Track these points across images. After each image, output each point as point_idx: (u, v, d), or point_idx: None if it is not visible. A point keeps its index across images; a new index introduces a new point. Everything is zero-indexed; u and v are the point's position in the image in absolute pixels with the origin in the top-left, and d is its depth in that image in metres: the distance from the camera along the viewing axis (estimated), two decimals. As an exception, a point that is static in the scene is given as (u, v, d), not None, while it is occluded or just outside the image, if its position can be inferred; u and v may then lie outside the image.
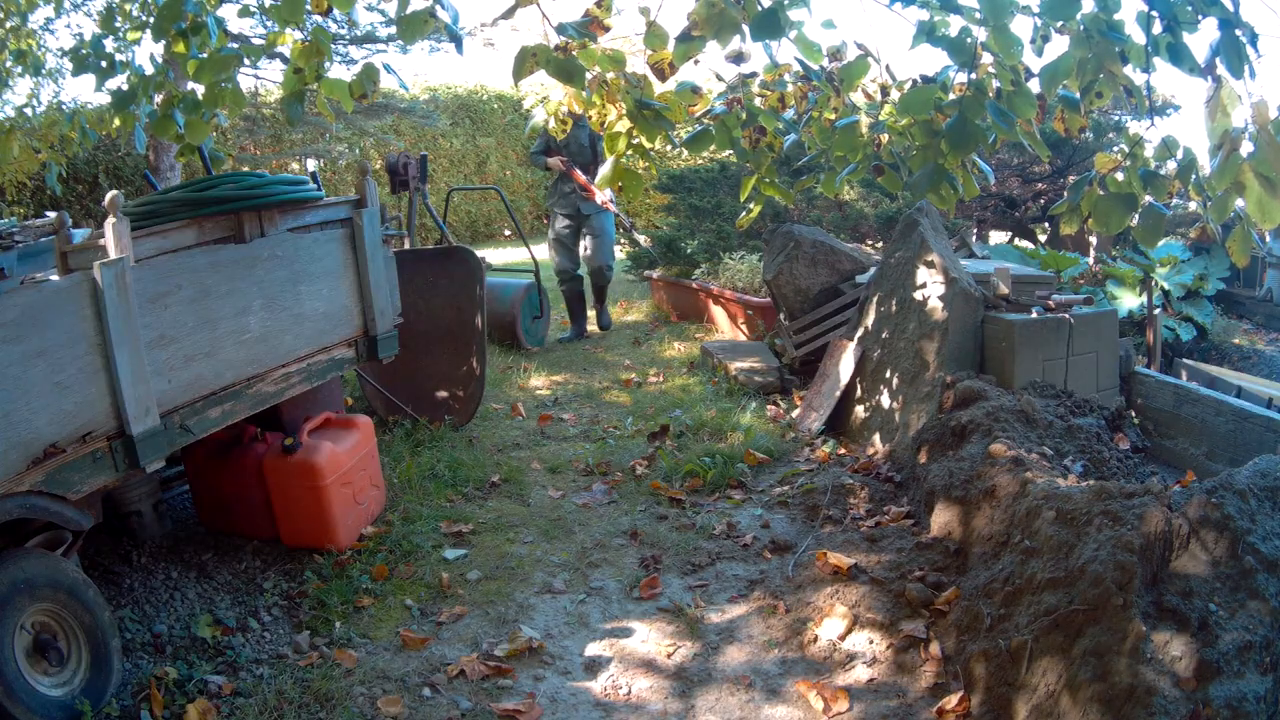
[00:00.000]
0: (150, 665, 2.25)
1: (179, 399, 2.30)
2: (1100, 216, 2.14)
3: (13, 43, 6.18)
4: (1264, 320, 7.73)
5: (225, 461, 2.76)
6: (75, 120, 4.75)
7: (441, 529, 3.06)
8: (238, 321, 2.49)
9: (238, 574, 2.69)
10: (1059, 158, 8.42)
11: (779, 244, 5.12)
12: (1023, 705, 1.88)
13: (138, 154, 8.63)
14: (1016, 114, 2.24)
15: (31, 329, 1.92)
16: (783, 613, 2.49)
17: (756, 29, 2.35)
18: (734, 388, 4.68)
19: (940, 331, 3.56)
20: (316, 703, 2.09)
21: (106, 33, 3.63)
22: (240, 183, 2.61)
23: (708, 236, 7.10)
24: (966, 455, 2.74)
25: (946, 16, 2.25)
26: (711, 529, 3.04)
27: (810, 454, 3.75)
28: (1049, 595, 1.96)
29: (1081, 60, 2.06)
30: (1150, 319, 5.10)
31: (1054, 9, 2.04)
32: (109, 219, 2.13)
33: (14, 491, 1.87)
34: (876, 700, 2.11)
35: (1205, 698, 1.67)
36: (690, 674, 2.24)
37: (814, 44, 2.64)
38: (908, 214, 4.12)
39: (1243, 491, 1.96)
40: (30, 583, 1.92)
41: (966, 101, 2.19)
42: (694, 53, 2.53)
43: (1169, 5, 1.86)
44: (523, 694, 2.16)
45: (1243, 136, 1.86)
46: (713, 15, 2.39)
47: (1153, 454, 3.55)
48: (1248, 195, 1.86)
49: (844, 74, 2.72)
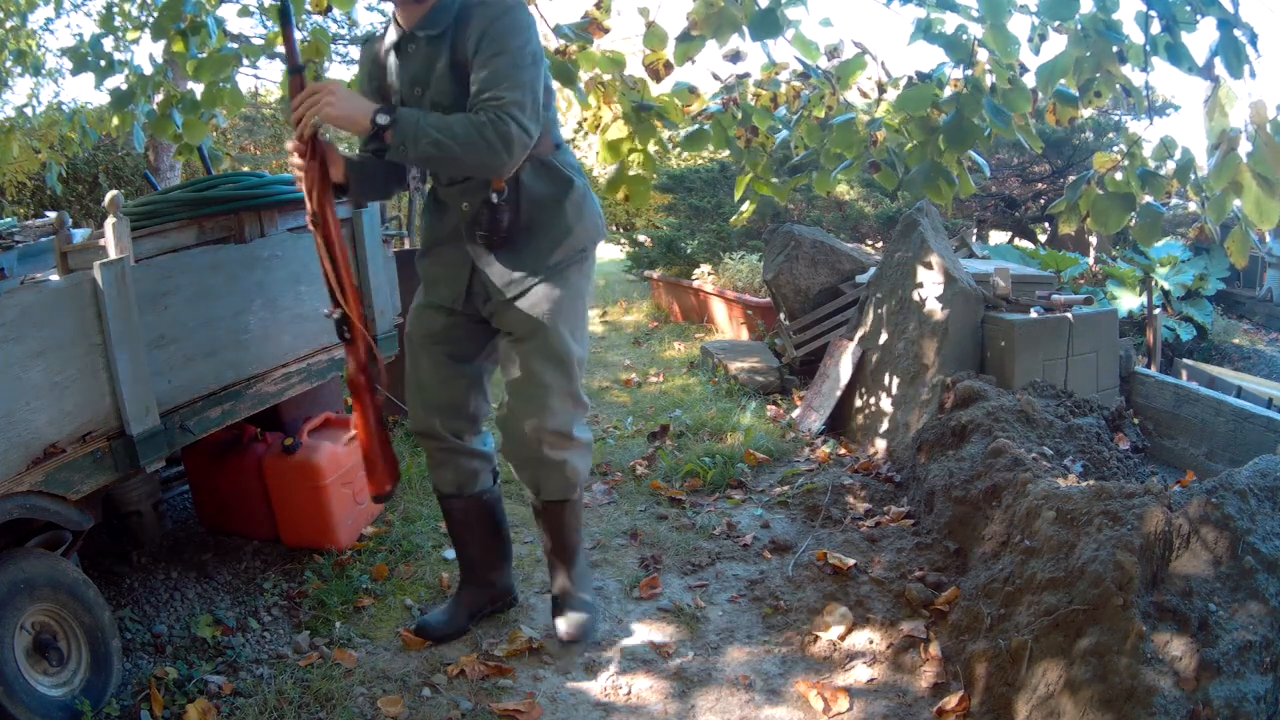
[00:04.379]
0: (150, 665, 2.25)
1: (179, 399, 2.30)
2: (1098, 216, 2.15)
3: (13, 43, 6.18)
4: (1264, 320, 7.74)
5: (225, 461, 2.76)
6: (75, 120, 4.76)
7: (441, 529, 3.06)
8: (238, 321, 2.49)
9: (238, 574, 2.69)
10: (1059, 158, 8.43)
11: (779, 244, 5.12)
12: (1023, 705, 1.88)
13: (138, 154, 8.63)
14: (1013, 111, 2.25)
15: (31, 329, 1.92)
16: (783, 612, 2.49)
17: (755, 28, 2.36)
18: (734, 388, 4.68)
19: (940, 331, 3.56)
20: (316, 703, 2.09)
21: (106, 32, 3.64)
22: (240, 183, 2.61)
23: (708, 236, 7.10)
24: (966, 455, 2.74)
25: (943, 14, 2.25)
26: (711, 529, 3.05)
27: (810, 454, 3.75)
28: (1049, 595, 1.96)
29: (1079, 59, 2.06)
30: (1150, 319, 5.10)
31: (1052, 8, 2.05)
32: (109, 219, 2.13)
33: (14, 491, 1.86)
34: (876, 700, 2.11)
35: (1205, 698, 1.67)
36: (690, 674, 2.24)
37: (812, 42, 2.65)
38: (908, 214, 4.12)
39: (1243, 491, 1.96)
40: (30, 583, 1.92)
41: (964, 99, 2.19)
42: (693, 52, 2.54)
43: (1168, 5, 1.87)
44: (523, 694, 2.16)
45: (1241, 136, 1.86)
46: (712, 15, 2.39)
47: (1153, 454, 3.55)
48: (1245, 195, 1.86)
49: (841, 71, 2.73)
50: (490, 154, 1.92)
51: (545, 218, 2.15)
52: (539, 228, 2.14)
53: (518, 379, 2.19)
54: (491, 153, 1.92)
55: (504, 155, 1.93)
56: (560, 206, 2.15)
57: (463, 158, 1.91)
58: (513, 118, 1.91)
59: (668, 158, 10.04)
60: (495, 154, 1.92)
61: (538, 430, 2.19)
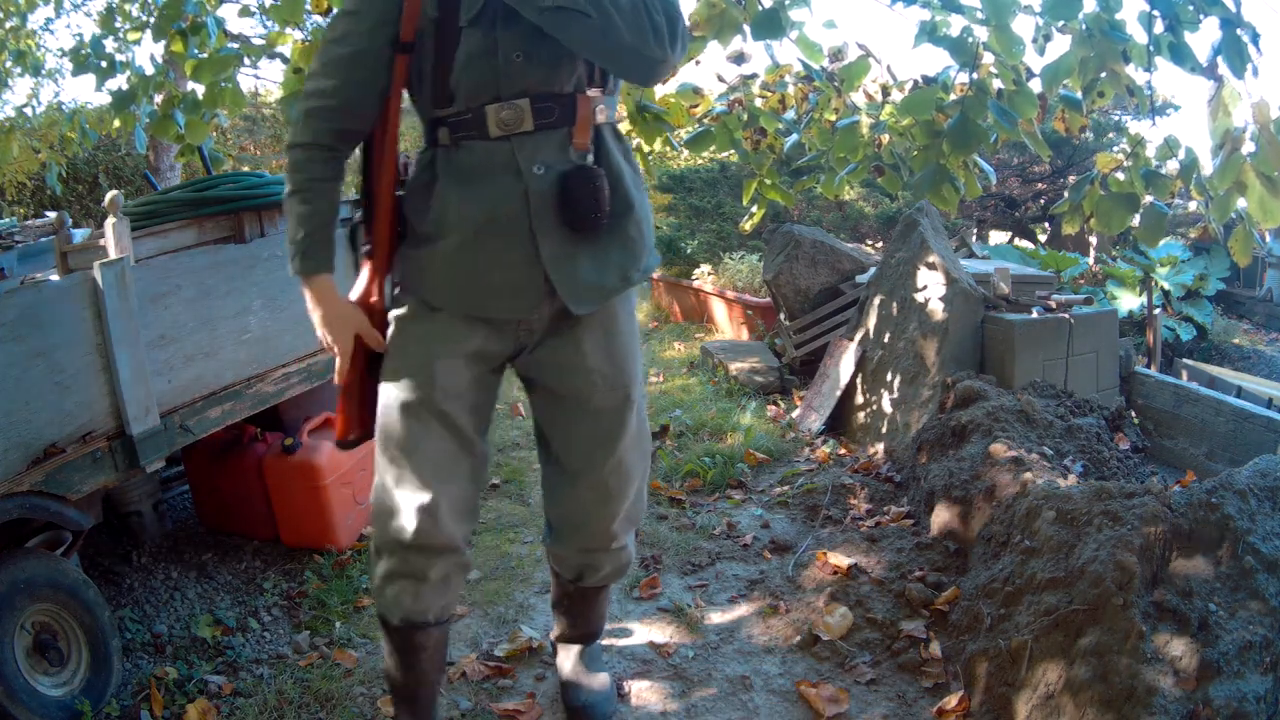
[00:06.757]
0: (150, 665, 2.24)
1: (179, 399, 2.30)
2: (1102, 216, 2.15)
3: (13, 43, 6.18)
4: (1264, 320, 7.74)
5: (225, 461, 2.76)
6: (75, 120, 4.76)
7: (441, 529, 3.06)
8: (238, 321, 2.49)
9: (238, 574, 2.69)
10: (1059, 158, 8.42)
11: (779, 244, 5.12)
12: (1023, 705, 1.88)
13: (138, 154, 8.63)
14: (1018, 114, 2.24)
15: (31, 329, 1.92)
16: (783, 613, 2.49)
17: (758, 29, 2.36)
18: (734, 388, 4.68)
19: (940, 332, 3.56)
20: (316, 703, 2.09)
21: (106, 33, 3.64)
22: (240, 183, 2.60)
23: (708, 236, 7.10)
24: (966, 455, 2.74)
25: (948, 16, 2.25)
26: (711, 529, 3.04)
27: (810, 454, 3.75)
28: (1049, 595, 1.96)
29: (1084, 60, 2.06)
30: (1150, 319, 5.11)
31: (1056, 8, 2.05)
32: (109, 219, 2.13)
33: (14, 491, 1.86)
34: (876, 700, 2.11)
35: (1205, 697, 1.67)
36: (690, 674, 2.24)
37: (815, 44, 2.64)
38: (908, 214, 4.12)
39: (1243, 491, 1.96)
40: (30, 583, 1.92)
41: (969, 102, 2.19)
42: (695, 53, 2.54)
43: (1171, 5, 1.87)
44: (523, 694, 2.15)
45: (1244, 136, 1.86)
46: (714, 15, 2.39)
47: (1153, 454, 3.55)
48: (1249, 195, 1.86)
49: (845, 74, 2.73)
50: (654, 39, 1.37)
51: (634, 202, 1.57)
52: (628, 216, 1.56)
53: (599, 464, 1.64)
54: (655, 37, 1.37)
55: (665, 49, 1.39)
56: (643, 193, 1.61)
57: (620, 28, 1.34)
58: (677, 16, 1.41)
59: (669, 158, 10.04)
60: (660, 42, 1.38)
61: (621, 524, 1.74)
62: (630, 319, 1.66)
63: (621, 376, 1.62)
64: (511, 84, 1.45)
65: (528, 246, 1.49)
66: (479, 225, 1.49)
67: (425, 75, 1.49)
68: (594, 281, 1.53)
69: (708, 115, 3.01)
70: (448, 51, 1.44)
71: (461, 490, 1.60)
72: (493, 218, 1.49)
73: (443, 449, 1.56)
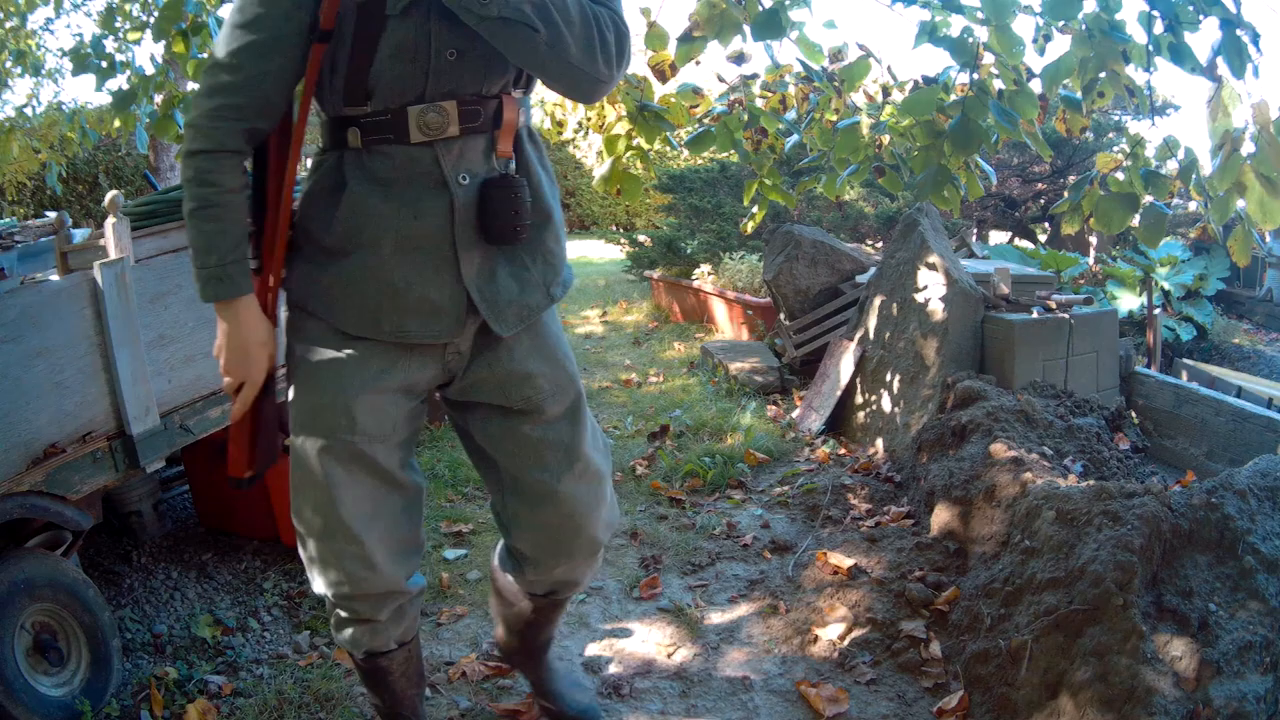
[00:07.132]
0: (150, 665, 2.25)
1: (179, 399, 2.30)
2: (1102, 216, 2.15)
3: (13, 43, 6.18)
4: (1264, 320, 7.74)
5: (225, 461, 2.76)
6: (75, 120, 4.76)
7: (441, 529, 3.06)
8: (238, 321, 2.49)
9: (238, 574, 2.69)
10: (1059, 158, 8.42)
11: (779, 244, 5.12)
12: (1023, 705, 1.88)
13: (138, 154, 8.63)
14: (1019, 114, 2.24)
15: (31, 329, 1.92)
16: (783, 613, 2.49)
17: (758, 29, 2.36)
18: (734, 388, 4.68)
19: (940, 332, 3.56)
20: (316, 703, 2.09)
21: (106, 33, 3.63)
22: (240, 182, 2.60)
23: (708, 236, 7.10)
24: (966, 455, 2.74)
25: (948, 16, 2.25)
26: (711, 529, 3.04)
27: (810, 454, 3.75)
28: (1049, 595, 1.96)
29: (1083, 60, 2.06)
30: (1150, 319, 5.11)
31: (1056, 9, 2.05)
32: (109, 219, 2.13)
33: (14, 491, 1.86)
34: (876, 700, 2.11)
35: (1205, 698, 1.67)
36: (690, 674, 2.24)
37: (815, 44, 2.64)
38: (908, 214, 4.12)
39: (1243, 491, 1.96)
40: (30, 583, 1.92)
41: (969, 102, 2.19)
42: (695, 53, 2.53)
43: (1171, 5, 1.87)
44: (522, 694, 2.15)
45: (1244, 136, 1.86)
46: (714, 16, 2.39)
47: (1153, 454, 3.55)
48: (1249, 195, 1.86)
49: (845, 74, 2.72)
50: (602, 57, 1.29)
51: (552, 212, 1.48)
52: (547, 227, 1.47)
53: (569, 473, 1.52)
54: (604, 56, 1.29)
55: (611, 69, 1.31)
56: (559, 202, 1.53)
57: (569, 44, 1.25)
58: (625, 35, 1.34)
59: (668, 158, 10.05)
60: (608, 61, 1.30)
61: (603, 530, 1.62)
62: (552, 316, 1.55)
63: (565, 375, 1.52)
64: (439, 84, 1.32)
65: (450, 263, 1.37)
66: (397, 240, 1.35)
67: (339, 68, 1.31)
68: (517, 299, 1.43)
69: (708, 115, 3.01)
70: (369, 43, 1.28)
71: (394, 530, 1.49)
72: (413, 233, 1.35)
73: (368, 494, 1.45)
